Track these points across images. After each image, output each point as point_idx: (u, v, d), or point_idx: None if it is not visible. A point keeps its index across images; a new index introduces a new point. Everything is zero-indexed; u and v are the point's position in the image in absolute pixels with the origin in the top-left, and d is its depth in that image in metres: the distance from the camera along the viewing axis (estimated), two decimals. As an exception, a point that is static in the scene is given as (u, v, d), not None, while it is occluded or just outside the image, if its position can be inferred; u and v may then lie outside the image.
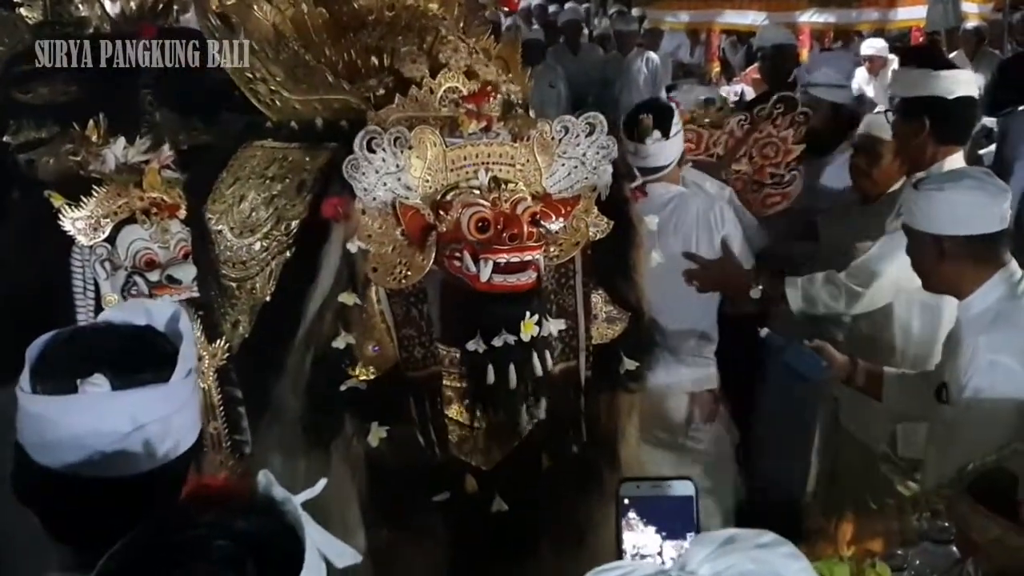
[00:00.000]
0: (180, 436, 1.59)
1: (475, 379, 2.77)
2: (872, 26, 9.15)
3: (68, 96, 3.61)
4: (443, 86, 2.86)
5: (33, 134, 3.55)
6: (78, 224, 2.50)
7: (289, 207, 2.93)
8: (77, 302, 2.52)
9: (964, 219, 2.88)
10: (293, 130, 3.02)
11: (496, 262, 2.62)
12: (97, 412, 1.51)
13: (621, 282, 3.06)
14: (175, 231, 2.58)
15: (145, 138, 2.77)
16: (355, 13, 3.14)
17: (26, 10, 4.13)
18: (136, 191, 2.54)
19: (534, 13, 13.82)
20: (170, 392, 1.56)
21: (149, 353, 1.59)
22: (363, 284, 2.75)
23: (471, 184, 2.70)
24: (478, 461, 2.92)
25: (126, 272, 2.54)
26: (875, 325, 3.87)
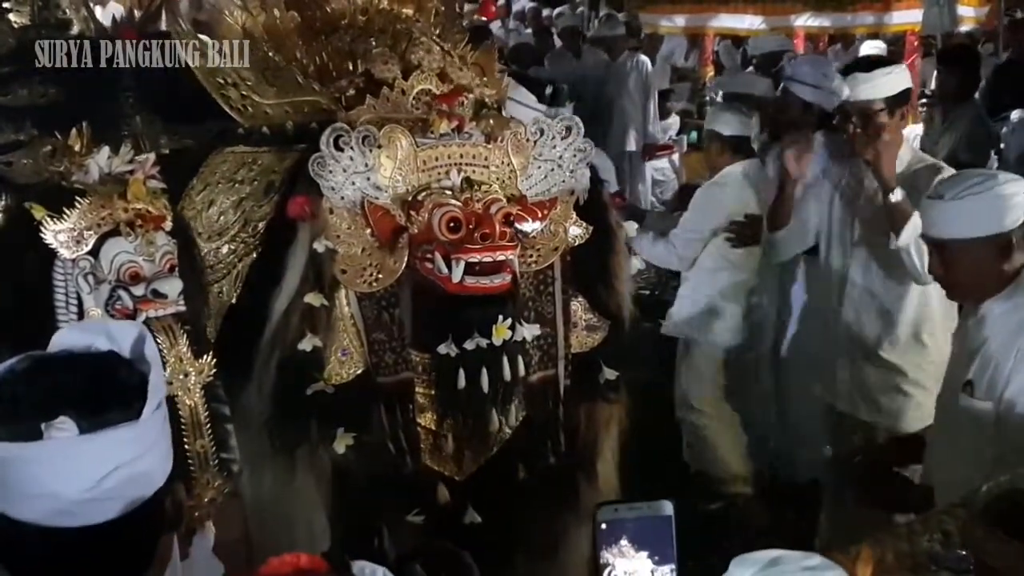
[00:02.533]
0: (153, 473, 1.50)
1: (445, 384, 2.72)
2: (868, 30, 9.12)
3: (47, 98, 3.58)
4: (416, 88, 2.83)
5: (12, 136, 3.51)
6: (60, 237, 2.42)
7: (256, 208, 2.91)
8: (59, 316, 2.45)
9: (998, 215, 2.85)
10: (264, 135, 3.00)
11: (468, 262, 2.58)
12: (65, 460, 1.41)
13: (601, 289, 3.03)
14: (160, 243, 2.50)
15: (127, 143, 2.72)
16: (328, 17, 3.14)
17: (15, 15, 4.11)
18: (120, 202, 2.46)
19: (527, 16, 13.81)
20: (141, 430, 1.46)
21: (115, 385, 1.49)
22: (331, 286, 2.72)
23: (443, 185, 2.68)
24: (450, 471, 2.89)
25: (110, 286, 2.45)
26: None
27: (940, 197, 2.91)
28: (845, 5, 8.83)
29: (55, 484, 1.41)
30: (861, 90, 3.94)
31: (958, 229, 2.88)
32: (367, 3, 3.15)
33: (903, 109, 3.99)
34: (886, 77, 3.96)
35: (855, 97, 3.96)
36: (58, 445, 1.41)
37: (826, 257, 4.24)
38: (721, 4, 9.41)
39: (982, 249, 2.87)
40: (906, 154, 3.95)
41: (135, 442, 1.45)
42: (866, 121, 3.88)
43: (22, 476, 1.41)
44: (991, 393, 2.85)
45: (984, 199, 2.84)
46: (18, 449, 1.41)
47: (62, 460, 1.41)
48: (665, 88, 10.40)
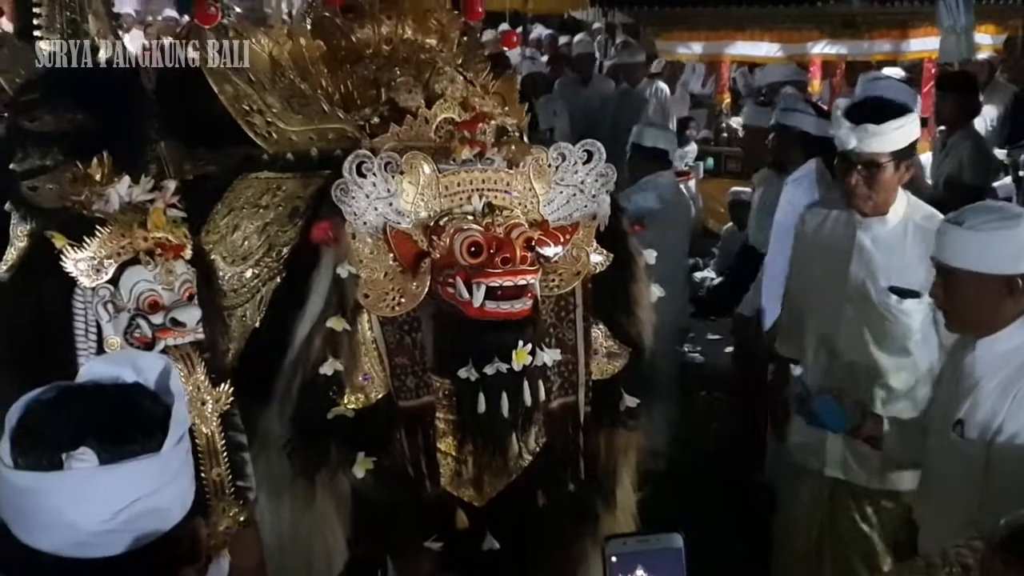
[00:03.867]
0: (173, 506, 1.50)
1: (465, 408, 2.73)
2: (884, 57, 9.15)
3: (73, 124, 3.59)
4: (439, 116, 2.86)
5: (37, 161, 3.52)
6: (80, 265, 2.41)
7: (280, 233, 2.92)
8: (79, 345, 2.45)
9: (1014, 257, 2.82)
10: (289, 161, 3.01)
11: (489, 287, 2.59)
12: (85, 490, 1.42)
13: (622, 317, 3.03)
14: (180, 272, 2.50)
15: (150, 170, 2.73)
16: (352, 46, 3.16)
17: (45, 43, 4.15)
18: (140, 231, 2.46)
19: (544, 43, 13.85)
20: (162, 463, 1.47)
21: (138, 418, 1.49)
22: (354, 311, 2.73)
23: (464, 210, 2.69)
24: (470, 497, 2.89)
25: (129, 314, 2.44)
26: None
27: (960, 224, 2.86)
28: (862, 33, 8.86)
29: (74, 514, 1.42)
30: (871, 142, 3.65)
31: (970, 260, 2.84)
32: (392, 33, 3.17)
33: (908, 161, 3.77)
34: (898, 131, 3.69)
35: (862, 148, 3.66)
36: (78, 476, 1.42)
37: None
38: (738, 31, 9.46)
39: (990, 285, 2.83)
40: (901, 205, 3.80)
41: (155, 474, 1.46)
42: (871, 173, 3.68)
43: (42, 506, 1.42)
44: (982, 436, 2.82)
45: (1004, 236, 2.79)
46: (38, 479, 1.42)
47: (81, 491, 1.42)
48: (684, 116, 10.43)
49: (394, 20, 3.18)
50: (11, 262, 3.25)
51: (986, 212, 2.88)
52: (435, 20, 3.27)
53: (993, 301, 2.85)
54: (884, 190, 3.72)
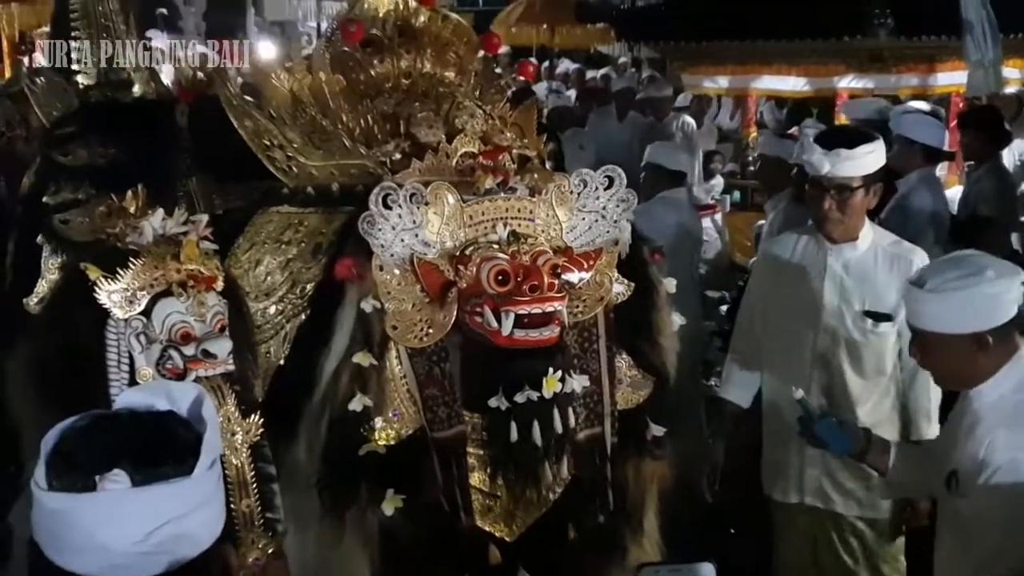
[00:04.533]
0: (203, 532, 1.52)
1: (498, 439, 2.72)
2: (912, 91, 9.12)
3: (106, 159, 3.64)
4: (459, 151, 2.88)
5: (70, 195, 3.56)
6: (114, 297, 2.45)
7: (304, 270, 2.94)
8: (111, 376, 2.48)
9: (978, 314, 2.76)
10: (309, 195, 3.03)
11: (518, 314, 2.60)
12: (117, 511, 1.44)
13: (645, 346, 3.04)
14: (211, 304, 2.52)
15: (181, 204, 2.76)
16: (372, 81, 3.18)
17: (83, 77, 4.22)
18: (174, 263, 2.49)
19: (571, 78, 13.91)
20: (193, 486, 1.48)
21: (171, 444, 1.51)
22: (381, 347, 2.74)
23: (490, 239, 2.71)
24: (501, 532, 2.89)
25: (161, 346, 2.47)
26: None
27: (921, 286, 2.81)
28: (889, 67, 8.84)
29: (106, 536, 1.43)
30: (843, 167, 3.68)
31: (935, 322, 2.80)
32: (410, 67, 3.20)
33: (876, 186, 3.76)
34: (869, 155, 3.72)
35: (835, 173, 3.68)
36: (110, 496, 1.43)
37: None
38: (764, 65, 9.45)
39: (961, 344, 2.78)
40: (868, 232, 3.82)
41: (186, 498, 1.48)
42: (843, 198, 3.70)
43: (75, 527, 1.44)
44: (973, 488, 2.75)
45: (966, 295, 2.74)
46: (71, 500, 1.44)
47: (113, 512, 1.44)
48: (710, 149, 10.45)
49: (413, 54, 3.21)
50: (42, 294, 3.29)
51: (947, 271, 2.82)
52: (453, 54, 3.30)
53: (967, 358, 2.80)
54: (855, 214, 3.76)
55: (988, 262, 2.85)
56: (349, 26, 3.22)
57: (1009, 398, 2.77)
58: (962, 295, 2.74)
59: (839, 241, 3.81)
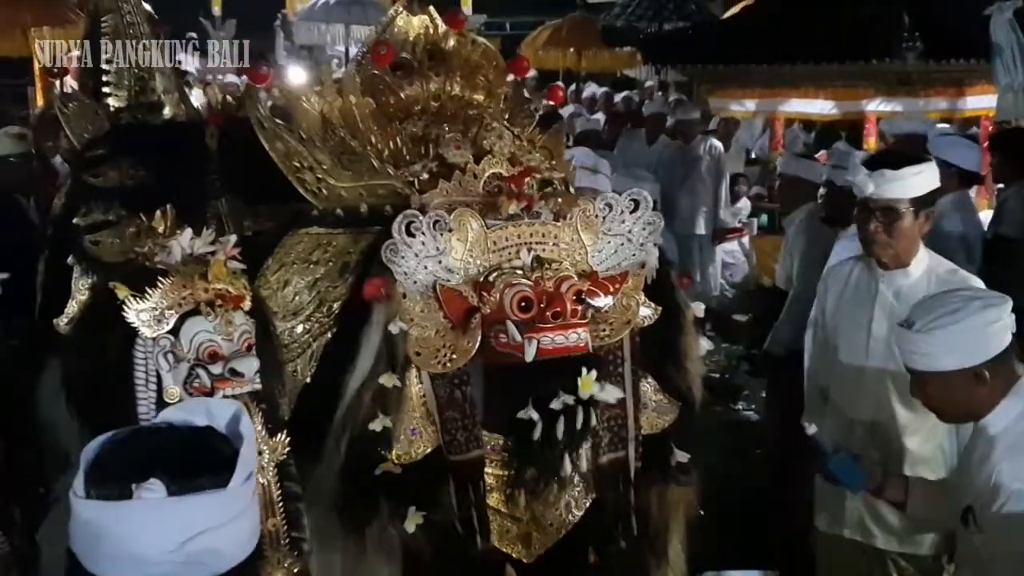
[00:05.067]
0: (237, 545, 1.53)
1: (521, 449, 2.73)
2: (940, 115, 9.09)
3: (136, 180, 3.66)
4: (487, 172, 2.89)
5: (100, 216, 3.58)
6: (142, 316, 2.45)
7: (331, 289, 2.95)
8: (139, 395, 2.47)
9: (968, 350, 2.74)
10: (338, 217, 3.04)
11: (540, 341, 2.60)
12: (152, 520, 1.45)
13: (671, 371, 3.04)
14: (239, 323, 2.53)
15: (211, 225, 2.77)
16: (401, 103, 3.20)
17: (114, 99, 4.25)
18: (202, 282, 2.49)
19: (599, 101, 13.93)
20: (228, 499, 1.50)
21: (208, 457, 1.52)
22: (404, 366, 2.75)
23: (513, 264, 2.72)
24: (519, 553, 2.89)
25: (189, 364, 2.47)
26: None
27: (910, 327, 2.80)
28: (918, 90, 8.79)
29: (141, 544, 1.45)
30: (888, 188, 3.61)
31: (927, 362, 2.78)
32: (440, 89, 3.21)
33: (928, 211, 3.69)
34: (916, 177, 3.64)
35: (880, 194, 3.63)
36: (146, 505, 1.45)
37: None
38: (792, 88, 9.43)
39: (956, 381, 2.76)
40: (923, 258, 3.75)
41: (221, 510, 1.49)
42: (890, 220, 3.63)
43: (111, 535, 1.45)
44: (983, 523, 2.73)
45: (955, 331, 2.72)
46: (107, 508, 1.46)
47: (149, 520, 1.45)
48: (737, 172, 10.44)
49: (442, 77, 3.23)
50: (72, 315, 3.31)
51: (934, 309, 2.80)
52: (482, 76, 3.31)
53: (967, 394, 2.78)
54: (904, 239, 3.68)
55: (974, 295, 2.86)
56: (379, 49, 3.23)
57: (1012, 428, 2.75)
58: (951, 331, 2.73)
59: (891, 267, 3.75)
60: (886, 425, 3.75)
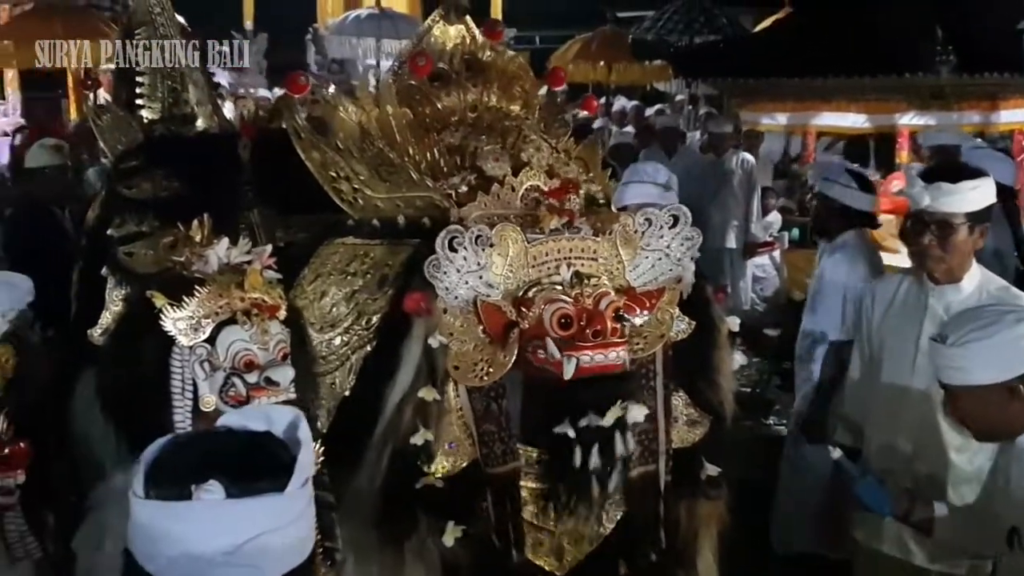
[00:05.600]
0: (293, 549, 1.53)
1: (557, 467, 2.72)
2: (974, 128, 9.03)
3: (169, 192, 3.67)
4: (524, 184, 2.88)
5: (134, 228, 3.59)
6: (179, 324, 2.47)
7: (370, 302, 2.94)
8: (175, 403, 2.49)
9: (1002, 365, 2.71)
10: (375, 227, 3.05)
11: (580, 359, 2.59)
12: (210, 520, 1.46)
13: (703, 384, 3.03)
14: (275, 332, 2.54)
15: (244, 235, 2.79)
16: (438, 114, 3.19)
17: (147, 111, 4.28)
18: (238, 291, 2.51)
19: (629, 115, 13.93)
20: (285, 502, 1.50)
21: (266, 461, 1.54)
22: (443, 379, 2.75)
23: (553, 280, 2.71)
24: (552, 566, 2.88)
25: (225, 373, 2.49)
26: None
27: (943, 341, 2.77)
28: (951, 104, 8.75)
29: (198, 544, 1.46)
30: (944, 201, 3.55)
31: (961, 376, 2.75)
32: (477, 100, 3.21)
33: (983, 226, 3.64)
34: (973, 191, 3.59)
35: (935, 208, 3.56)
36: (204, 506, 1.46)
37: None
38: (823, 102, 9.40)
39: (991, 396, 2.73)
40: (976, 274, 3.70)
41: (278, 513, 1.50)
42: (944, 235, 3.58)
43: (170, 536, 1.47)
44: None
45: (988, 345, 2.69)
46: (166, 508, 1.47)
47: (207, 521, 1.46)
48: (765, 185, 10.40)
49: (479, 88, 3.22)
50: (106, 326, 3.33)
51: (967, 323, 2.78)
52: (519, 88, 3.31)
53: (1001, 410, 2.75)
54: (957, 253, 3.63)
55: (1009, 309, 2.83)
56: (418, 60, 3.23)
57: None
58: (984, 345, 2.71)
59: (942, 281, 3.70)
60: (931, 441, 3.68)
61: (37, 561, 2.51)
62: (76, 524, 2.55)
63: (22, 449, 2.31)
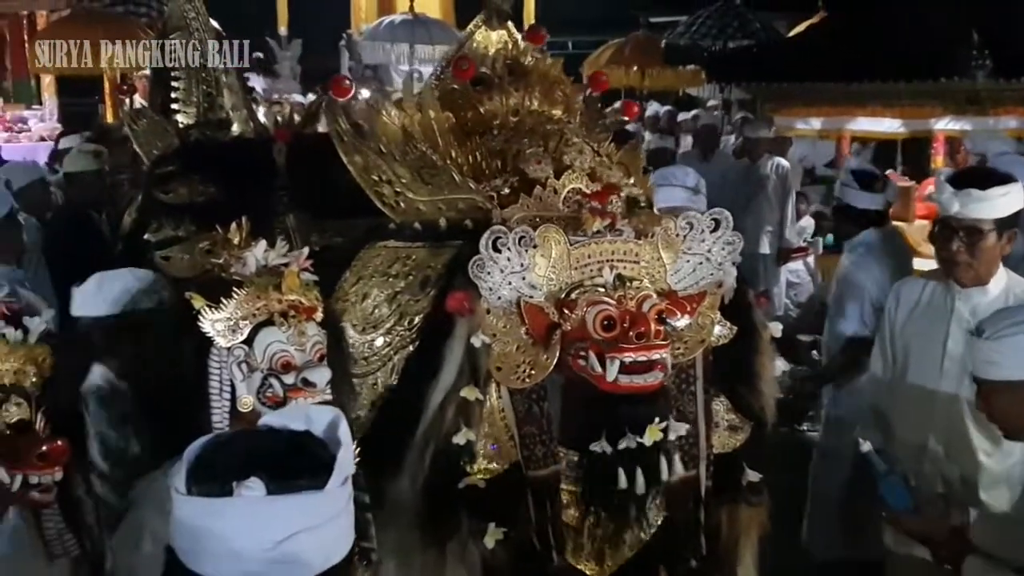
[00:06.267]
0: (333, 546, 1.55)
1: (597, 482, 2.72)
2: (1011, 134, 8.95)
3: (206, 197, 3.69)
4: (567, 187, 2.88)
5: (171, 232, 3.62)
6: (217, 326, 2.48)
7: (412, 303, 2.95)
8: (213, 404, 2.50)
9: None
10: (417, 231, 3.05)
11: (623, 361, 2.59)
12: (252, 517, 1.48)
13: (744, 390, 3.01)
14: (311, 334, 2.55)
15: (281, 238, 2.80)
16: (480, 117, 3.20)
17: (182, 116, 4.30)
18: (275, 293, 2.52)
19: (662, 120, 13.90)
20: (325, 500, 1.52)
21: (306, 460, 1.55)
22: (486, 380, 2.76)
23: (596, 282, 2.70)
24: (591, 570, 2.87)
25: (262, 374, 2.50)
26: None
27: (980, 335, 2.77)
28: (987, 109, 8.71)
29: (240, 541, 1.48)
30: (973, 208, 3.56)
31: (997, 370, 2.74)
32: (519, 104, 3.21)
33: (1011, 231, 3.64)
34: (1002, 198, 3.60)
35: (964, 214, 3.57)
36: (245, 502, 1.48)
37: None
38: (858, 107, 9.36)
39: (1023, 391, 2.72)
40: (1002, 277, 3.71)
41: (318, 510, 1.51)
42: (973, 240, 3.58)
43: (211, 532, 1.49)
44: None
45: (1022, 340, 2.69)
46: (208, 504, 1.49)
47: (248, 517, 1.48)
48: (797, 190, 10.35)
49: (522, 92, 3.22)
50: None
51: (1004, 318, 2.79)
52: (561, 91, 3.30)
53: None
54: (986, 259, 3.63)
55: None
56: (461, 64, 3.24)
57: None
58: (1020, 340, 2.71)
59: (968, 285, 3.70)
60: (961, 444, 3.68)
61: (75, 559, 2.52)
62: (114, 523, 2.56)
63: (60, 447, 2.32)
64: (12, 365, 2.39)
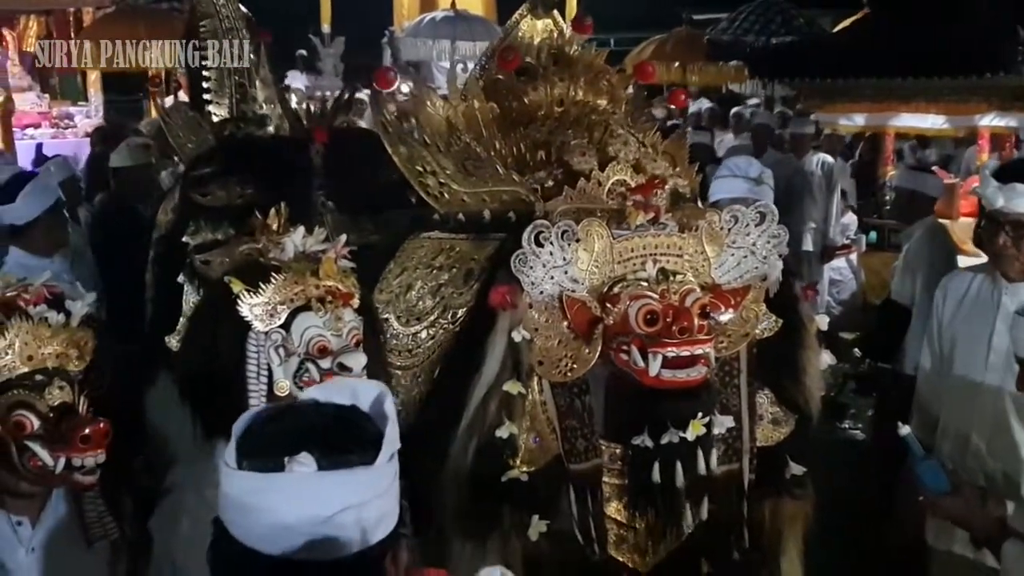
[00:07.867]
0: (380, 521, 1.56)
1: (639, 476, 2.72)
2: (1058, 130, 8.88)
3: (244, 199, 3.68)
4: (611, 179, 2.87)
5: (209, 235, 3.61)
6: (255, 310, 2.50)
7: (456, 295, 2.94)
8: (250, 387, 2.52)
9: None
10: (460, 222, 3.04)
11: (665, 356, 2.58)
12: (303, 492, 1.49)
13: (788, 383, 2.99)
14: (348, 319, 2.57)
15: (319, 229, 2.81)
16: (525, 108, 3.18)
17: (214, 107, 4.30)
18: (312, 279, 2.54)
19: (704, 116, 13.82)
20: (374, 476, 1.53)
21: (355, 435, 1.57)
22: (528, 374, 2.75)
23: (638, 276, 2.69)
24: (635, 563, 2.86)
25: (299, 359, 2.52)
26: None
27: (1022, 314, 2.77)
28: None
29: (291, 515, 1.49)
30: (1019, 202, 3.52)
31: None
32: (563, 95, 3.18)
33: None
34: None
35: (1011, 208, 3.54)
36: (297, 477, 1.49)
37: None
38: (902, 103, 9.28)
39: None
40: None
41: (367, 486, 1.53)
42: (1019, 234, 3.55)
43: (261, 506, 1.50)
44: None
45: None
46: (261, 479, 1.50)
47: (299, 492, 1.49)
48: (841, 187, 10.28)
49: (566, 82, 3.19)
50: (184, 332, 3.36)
51: None
52: (606, 81, 3.27)
53: None
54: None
55: None
56: (507, 54, 3.23)
57: None
58: None
59: (1016, 279, 3.68)
60: (1005, 438, 3.65)
61: (114, 542, 2.55)
62: (152, 506, 2.59)
63: (103, 428, 2.34)
64: (55, 349, 2.40)
